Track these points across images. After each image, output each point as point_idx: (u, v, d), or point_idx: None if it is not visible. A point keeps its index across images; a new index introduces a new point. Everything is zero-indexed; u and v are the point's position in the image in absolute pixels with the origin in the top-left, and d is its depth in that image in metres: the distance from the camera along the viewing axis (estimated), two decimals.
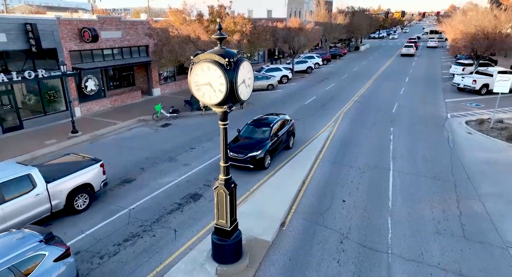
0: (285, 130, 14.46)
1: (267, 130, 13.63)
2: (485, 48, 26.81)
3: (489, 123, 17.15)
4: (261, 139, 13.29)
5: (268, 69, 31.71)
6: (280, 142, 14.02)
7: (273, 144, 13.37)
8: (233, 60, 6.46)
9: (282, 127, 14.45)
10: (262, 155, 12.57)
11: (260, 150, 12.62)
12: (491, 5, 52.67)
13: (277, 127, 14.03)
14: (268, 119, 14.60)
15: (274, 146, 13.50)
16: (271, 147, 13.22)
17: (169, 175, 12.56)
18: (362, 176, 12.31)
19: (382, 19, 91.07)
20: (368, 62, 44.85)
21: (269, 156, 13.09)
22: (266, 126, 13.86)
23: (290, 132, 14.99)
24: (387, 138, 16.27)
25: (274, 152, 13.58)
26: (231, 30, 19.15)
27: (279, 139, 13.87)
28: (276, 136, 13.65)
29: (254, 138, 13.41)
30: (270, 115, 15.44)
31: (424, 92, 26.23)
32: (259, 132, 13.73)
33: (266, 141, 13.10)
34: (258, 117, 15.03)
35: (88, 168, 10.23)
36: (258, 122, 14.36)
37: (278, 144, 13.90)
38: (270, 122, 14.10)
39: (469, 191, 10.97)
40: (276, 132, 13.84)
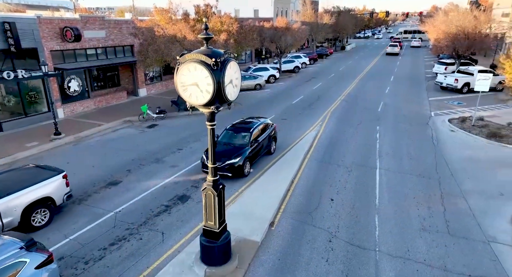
0: (266, 135, 13.82)
1: (246, 136, 12.89)
2: (466, 47, 27.55)
3: (471, 121, 17.63)
4: (240, 145, 12.55)
5: (255, 68, 31.70)
6: (261, 147, 13.36)
7: (253, 150, 12.64)
8: (219, 60, 6.40)
9: (263, 131, 13.80)
10: (241, 163, 11.83)
11: (239, 157, 11.88)
12: (470, 6, 54.26)
13: (257, 132, 13.34)
14: (248, 123, 13.90)
15: (255, 152, 12.80)
16: (251, 153, 12.48)
17: (156, 177, 12.37)
18: (350, 175, 12.43)
19: (367, 19, 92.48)
20: (354, 62, 45.42)
21: (249, 163, 12.39)
22: (246, 131, 13.14)
23: (272, 137, 14.33)
24: (373, 136, 16.50)
25: (254, 158, 12.90)
26: (217, 29, 19.02)
27: (259, 145, 13.20)
28: (257, 141, 12.96)
29: (232, 144, 12.65)
30: (251, 119, 14.75)
31: (409, 91, 26.75)
32: (238, 137, 12.98)
33: (246, 148, 12.37)
34: (237, 122, 14.26)
35: (48, 180, 9.21)
36: (237, 127, 13.62)
37: (259, 150, 13.24)
38: (250, 127, 13.40)
39: (452, 188, 11.24)
40: (257, 137, 13.15)
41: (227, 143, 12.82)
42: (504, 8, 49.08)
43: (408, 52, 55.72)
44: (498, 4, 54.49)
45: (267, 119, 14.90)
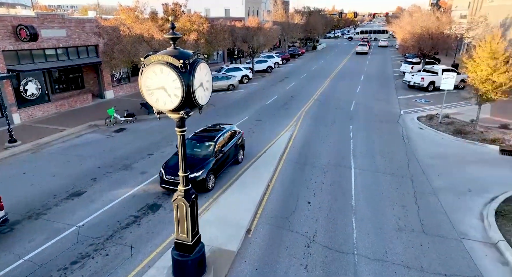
0: (232, 144, 12.86)
1: (210, 145, 11.87)
2: (430, 47, 28.70)
3: (438, 119, 18.27)
4: (203, 156, 11.50)
5: (228, 69, 31.23)
6: (227, 157, 12.38)
7: (218, 161, 11.70)
8: (188, 62, 5.96)
9: (230, 140, 12.85)
10: (204, 176, 10.82)
11: (202, 170, 10.85)
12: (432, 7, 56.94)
13: (223, 141, 12.40)
14: (212, 132, 12.95)
15: (220, 163, 11.84)
16: (216, 165, 11.51)
17: (125, 185, 11.63)
18: (326, 176, 12.37)
19: (337, 19, 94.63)
20: (326, 61, 46.14)
21: (213, 176, 11.39)
22: (210, 140, 12.11)
23: (239, 145, 13.40)
24: (347, 136, 16.63)
25: (219, 170, 11.88)
26: (187, 29, 18.38)
27: (225, 155, 12.23)
28: (222, 151, 11.97)
29: (195, 155, 11.55)
30: (216, 126, 13.88)
31: (379, 90, 27.44)
32: (201, 147, 11.94)
33: (210, 159, 11.37)
34: (200, 130, 13.22)
35: None
36: (200, 136, 12.56)
37: (225, 161, 12.27)
38: (215, 135, 12.37)
39: (424, 186, 11.47)
40: (222, 146, 12.21)
41: (188, 154, 11.52)
42: (462, 10, 51.95)
43: (376, 51, 57.50)
44: (456, 6, 57.64)
45: (234, 126, 13.96)
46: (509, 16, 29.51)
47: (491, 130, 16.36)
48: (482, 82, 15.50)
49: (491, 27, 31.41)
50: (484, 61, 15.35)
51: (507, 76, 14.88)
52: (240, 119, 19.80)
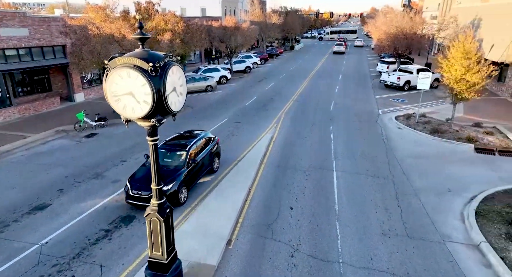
0: (207, 152, 11.98)
1: (182, 155, 10.90)
2: (405, 47, 29.27)
3: (415, 118, 18.53)
4: (175, 167, 10.57)
5: (205, 69, 30.53)
6: (200, 167, 11.45)
7: (190, 172, 10.78)
8: (159, 65, 5.42)
9: (204, 148, 11.97)
10: (176, 188, 9.92)
11: (173, 182, 9.92)
12: (404, 8, 58.58)
13: (196, 149, 11.48)
14: (184, 139, 11.96)
15: (193, 174, 10.93)
16: (188, 176, 10.61)
17: (95, 196, 10.83)
18: (308, 179, 12.10)
19: (313, 20, 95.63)
20: (304, 61, 46.30)
21: (186, 188, 10.47)
22: (182, 149, 11.13)
23: (214, 153, 12.53)
24: (327, 136, 16.50)
25: (192, 181, 10.99)
26: (161, 29, 17.61)
27: (199, 164, 11.31)
28: (194, 161, 11.00)
29: (165, 166, 10.58)
30: (188, 133, 12.92)
31: (357, 89, 27.68)
32: (172, 157, 10.96)
33: (181, 170, 10.44)
34: (172, 137, 12.26)
35: None
36: (171, 144, 11.56)
37: (198, 171, 11.34)
38: (187, 143, 11.40)
39: (405, 187, 11.44)
40: (195, 155, 11.29)
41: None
42: (432, 11, 53.78)
43: (352, 51, 58.43)
44: (427, 7, 59.64)
45: (208, 133, 13.06)
46: (477, 17, 30.61)
47: (466, 129, 16.74)
48: (456, 82, 15.80)
49: (461, 28, 32.56)
50: (458, 61, 15.65)
51: (480, 76, 15.24)
52: (218, 121, 19.26)
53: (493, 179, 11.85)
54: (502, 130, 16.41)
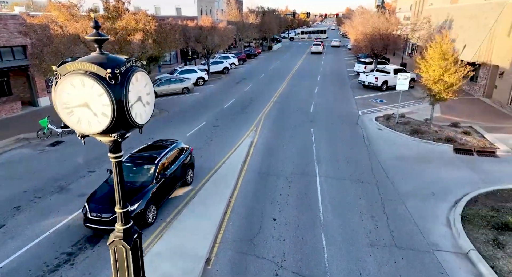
0: (179, 164, 10.91)
1: (151, 169, 9.77)
2: (382, 47, 29.53)
3: (394, 119, 18.51)
4: (141, 183, 9.44)
5: (182, 70, 29.48)
6: (172, 181, 10.42)
7: (160, 188, 9.70)
8: (119, 71, 4.61)
9: (176, 159, 10.88)
10: (143, 207, 8.81)
11: (139, 201, 8.81)
12: (378, 9, 59.75)
13: (166, 161, 10.38)
14: (153, 150, 10.86)
15: (163, 189, 9.88)
16: (157, 193, 9.55)
17: (57, 213, 9.79)
18: (291, 186, 11.58)
19: (290, 20, 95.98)
20: (282, 61, 46.04)
21: (154, 206, 9.40)
22: (150, 162, 9.98)
23: (188, 164, 11.50)
24: (309, 140, 16.09)
25: (162, 198, 9.91)
26: (132, 28, 16.55)
27: (169, 178, 10.22)
28: (164, 176, 9.88)
29: (131, 183, 9.44)
30: (158, 143, 11.80)
31: (336, 90, 27.59)
32: (138, 172, 9.85)
33: (149, 186, 9.36)
34: (139, 149, 11.07)
35: None
36: (137, 157, 10.37)
37: (170, 186, 10.33)
38: (156, 156, 10.26)
39: (390, 192, 11.16)
40: (166, 169, 10.23)
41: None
42: (405, 12, 55.10)
43: (329, 51, 58.88)
44: (400, 8, 61.13)
45: (181, 142, 11.91)
46: (448, 18, 31.41)
47: (444, 129, 16.85)
48: (434, 83, 15.85)
49: (433, 28, 33.35)
50: (436, 61, 15.70)
51: (457, 76, 15.33)
52: (196, 125, 18.43)
53: (475, 180, 11.82)
54: (478, 130, 16.64)
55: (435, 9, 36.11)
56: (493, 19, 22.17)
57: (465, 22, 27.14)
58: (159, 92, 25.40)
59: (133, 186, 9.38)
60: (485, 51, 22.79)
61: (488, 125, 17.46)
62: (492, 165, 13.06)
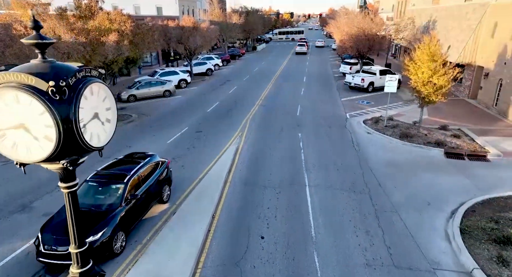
0: (153, 181, 9.70)
1: (119, 189, 8.54)
2: (367, 48, 29.24)
3: (383, 122, 18.06)
4: (108, 207, 8.19)
5: (163, 72, 28.27)
6: (144, 201, 9.16)
7: (130, 210, 8.44)
8: (66, 84, 3.65)
9: (150, 175, 9.69)
10: (109, 235, 7.64)
11: (104, 229, 7.62)
12: (361, 9, 60.03)
13: (138, 179, 9.15)
14: (123, 167, 9.46)
15: (133, 212, 8.61)
16: (127, 216, 8.30)
17: (16, 237, 8.66)
18: (279, 198, 10.80)
19: (274, 20, 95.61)
20: (267, 62, 45.35)
21: (123, 232, 8.18)
22: (118, 181, 8.73)
23: (164, 180, 10.29)
24: (297, 145, 15.38)
25: (133, 222, 8.68)
26: (105, 29, 15.38)
27: (142, 198, 9.00)
28: (134, 196, 8.64)
29: (95, 206, 8.20)
30: (130, 157, 10.41)
31: (322, 91, 27.08)
32: (105, 193, 8.57)
33: (117, 210, 8.11)
34: (107, 165, 9.72)
35: None
36: (104, 175, 9.07)
37: (142, 207, 9.04)
38: (126, 173, 8.95)
39: (383, 202, 10.56)
40: (137, 187, 9.01)
41: (86, 205, 8.05)
42: (388, 13, 55.50)
43: (314, 51, 58.68)
44: (382, 8, 61.58)
45: (156, 156, 10.62)
46: (431, 19, 31.48)
47: (433, 132, 16.50)
48: (423, 85, 15.44)
49: (417, 29, 33.41)
50: (425, 63, 15.29)
51: (446, 78, 14.97)
52: (177, 131, 17.41)
53: (469, 187, 11.39)
54: (467, 133, 16.37)
55: (418, 10, 36.26)
56: (476, 20, 22.15)
57: (449, 23, 27.17)
58: (139, 96, 24.16)
59: (98, 210, 8.19)
60: (469, 52, 22.77)
61: (476, 127, 17.25)
62: (484, 170, 12.71)
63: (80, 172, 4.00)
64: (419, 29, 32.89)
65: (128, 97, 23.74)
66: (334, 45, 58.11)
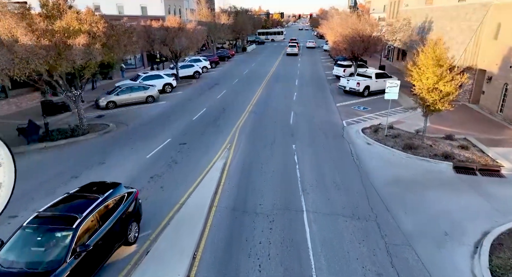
0: (115, 219, 7.78)
1: (67, 238, 6.52)
2: (362, 50, 27.98)
3: (383, 130, 16.70)
4: (47, 266, 6.14)
5: (146, 76, 26.38)
6: (102, 249, 7.23)
7: (80, 265, 6.49)
8: None
9: (111, 213, 7.75)
10: None
11: None
12: (352, 10, 59.07)
13: (94, 220, 7.16)
14: (75, 205, 7.41)
15: (85, 267, 6.65)
16: (76, 274, 6.36)
17: None
18: (272, 229, 9.25)
19: (264, 20, 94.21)
20: (257, 64, 43.79)
21: None
22: (65, 227, 6.66)
23: (131, 216, 8.38)
24: (291, 159, 13.86)
25: None
26: (74, 30, 13.56)
27: (98, 246, 7.08)
28: (86, 247, 6.58)
29: (32, 264, 6.20)
30: (87, 189, 8.27)
31: (316, 96, 25.65)
32: (46, 243, 6.58)
33: (59, 270, 6.08)
34: (54, 203, 7.53)
35: None
36: (47, 218, 6.95)
37: (98, 257, 7.09)
38: (76, 216, 6.88)
39: (393, 231, 9.11)
40: (92, 233, 7.03)
41: (19, 265, 6.16)
42: (379, 13, 54.64)
43: (305, 52, 57.36)
44: (374, 9, 60.77)
45: (120, 187, 8.54)
46: (427, 20, 30.44)
47: (439, 143, 15.21)
48: (428, 92, 14.12)
49: (412, 30, 32.35)
50: (430, 68, 13.96)
51: (454, 84, 13.66)
52: (159, 143, 15.70)
53: (487, 210, 10.06)
54: (475, 143, 15.12)
55: (412, 10, 35.25)
56: (477, 21, 21.05)
57: (446, 23, 26.09)
58: (119, 102, 22.31)
59: (33, 271, 6.05)
60: (470, 54, 21.66)
61: (483, 136, 16.03)
62: (501, 188, 11.41)
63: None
64: (415, 30, 31.86)
65: (107, 104, 21.87)
66: (325, 46, 56.98)
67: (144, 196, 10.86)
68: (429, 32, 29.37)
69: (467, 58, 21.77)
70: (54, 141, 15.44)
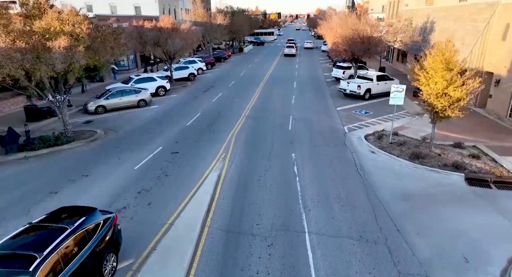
0: (88, 252, 6.69)
1: None
2: (363, 51, 27.06)
3: (387, 137, 15.76)
4: None
5: (138, 79, 25.27)
6: None
7: None
8: None
9: (83, 245, 6.63)
10: None
11: None
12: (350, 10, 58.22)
13: (62, 255, 6.05)
14: (36, 239, 6.22)
15: None
16: None
17: None
18: (271, 255, 8.25)
19: (261, 20, 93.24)
20: (254, 65, 42.78)
21: None
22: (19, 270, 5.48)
23: (107, 246, 7.26)
24: (290, 170, 12.88)
25: None
26: (54, 31, 12.48)
27: None
28: None
29: None
30: (57, 216, 7.07)
31: (315, 99, 24.68)
32: None
33: None
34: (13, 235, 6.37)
35: None
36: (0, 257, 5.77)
37: None
38: (35, 253, 5.74)
39: (407, 258, 8.13)
40: (58, 272, 5.87)
41: None
42: (378, 13, 53.83)
43: (303, 53, 56.42)
44: (372, 9, 59.96)
45: (96, 213, 7.37)
46: (428, 20, 29.59)
47: (447, 151, 14.28)
48: (437, 97, 13.18)
49: (412, 30, 31.49)
50: (439, 72, 13.02)
51: (465, 90, 12.73)
52: (149, 152, 14.65)
53: (508, 230, 9.12)
54: (486, 151, 14.21)
55: (412, 11, 34.42)
56: (483, 22, 20.17)
57: (449, 24, 25.24)
58: (109, 107, 21.21)
59: None
60: (476, 56, 20.78)
61: (493, 144, 15.14)
62: None
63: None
64: (416, 31, 31.01)
65: (96, 108, 20.76)
66: (323, 46, 56.12)
67: (128, 216, 9.83)
68: (431, 33, 28.54)
69: (473, 60, 20.88)
70: (36, 150, 14.34)
